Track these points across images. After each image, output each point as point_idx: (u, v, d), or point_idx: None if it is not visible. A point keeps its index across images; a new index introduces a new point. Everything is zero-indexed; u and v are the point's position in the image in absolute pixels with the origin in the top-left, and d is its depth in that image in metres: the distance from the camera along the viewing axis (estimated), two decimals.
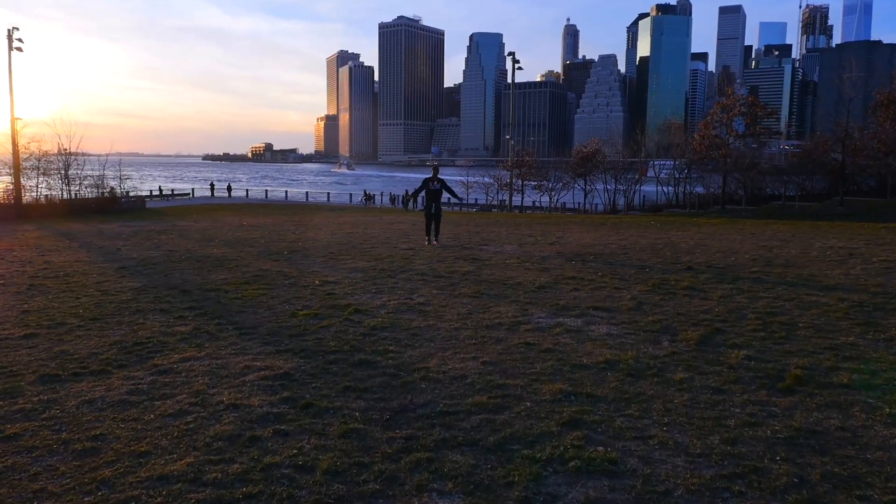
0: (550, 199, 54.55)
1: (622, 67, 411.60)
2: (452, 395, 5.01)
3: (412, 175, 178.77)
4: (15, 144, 41.69)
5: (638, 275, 10.73)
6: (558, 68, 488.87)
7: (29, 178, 44.09)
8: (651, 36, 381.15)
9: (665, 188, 52.80)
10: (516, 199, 53.23)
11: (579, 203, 53.38)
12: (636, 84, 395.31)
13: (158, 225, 25.57)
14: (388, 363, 5.84)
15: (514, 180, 52.93)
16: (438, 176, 16.02)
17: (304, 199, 67.32)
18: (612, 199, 51.92)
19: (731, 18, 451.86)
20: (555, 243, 16.20)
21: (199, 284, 10.18)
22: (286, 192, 76.74)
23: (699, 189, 53.17)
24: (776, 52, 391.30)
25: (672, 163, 57.12)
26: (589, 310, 8.02)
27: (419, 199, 17.36)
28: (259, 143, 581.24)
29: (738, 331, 6.87)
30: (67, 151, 45.33)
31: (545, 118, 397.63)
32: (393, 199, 57.83)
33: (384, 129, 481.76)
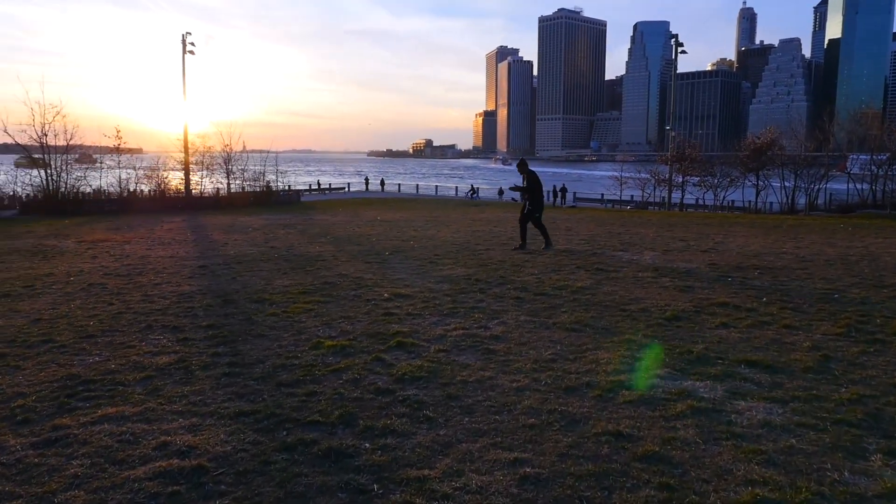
0: (716, 196, 48.85)
1: (807, 52, 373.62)
2: None
3: (569, 171, 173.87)
4: (185, 141, 44.41)
5: (823, 304, 7.53)
6: (732, 56, 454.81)
7: (194, 174, 46.91)
8: (843, 15, 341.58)
9: (859, 185, 45.12)
10: (676, 197, 48.30)
11: (749, 201, 47.23)
12: (823, 70, 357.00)
13: (294, 218, 25.05)
14: (369, 462, 3.54)
15: (673, 175, 48.02)
16: (529, 168, 13.40)
17: (454, 194, 66.42)
18: (790, 198, 45.29)
19: None
20: (710, 251, 12.94)
21: (254, 292, 8.50)
22: (436, 186, 76.44)
23: None
24: None
25: (867, 157, 48.92)
26: (739, 366, 5.18)
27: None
28: (420, 140, 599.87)
29: None
30: (230, 148, 47.69)
31: (715, 110, 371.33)
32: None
33: (542, 124, 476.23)
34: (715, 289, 8.50)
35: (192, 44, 44.32)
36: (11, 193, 37.49)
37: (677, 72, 50.33)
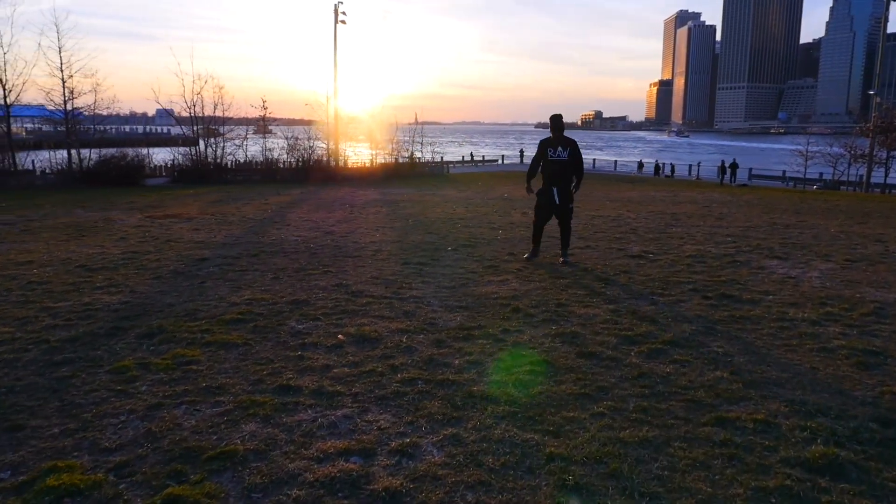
0: None
1: None
2: None
3: (749, 144, 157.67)
4: (336, 112, 43.99)
5: None
6: None
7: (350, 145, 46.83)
8: None
9: None
10: (877, 176, 39.92)
11: None
12: None
13: (413, 193, 22.78)
14: None
15: (876, 150, 39.69)
16: (565, 135, 8.54)
17: (612, 169, 61.09)
18: None
19: None
20: None
21: (175, 315, 5.96)
22: (594, 160, 70.94)
23: None
24: None
25: None
26: None
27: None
28: (589, 111, 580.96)
29: None
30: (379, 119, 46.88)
31: None
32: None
33: (723, 94, 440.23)
34: None
35: (344, 13, 43.72)
36: (165, 163, 39.04)
37: (887, 32, 41.20)
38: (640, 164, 52.29)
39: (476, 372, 4.31)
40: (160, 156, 41.14)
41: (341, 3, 43.81)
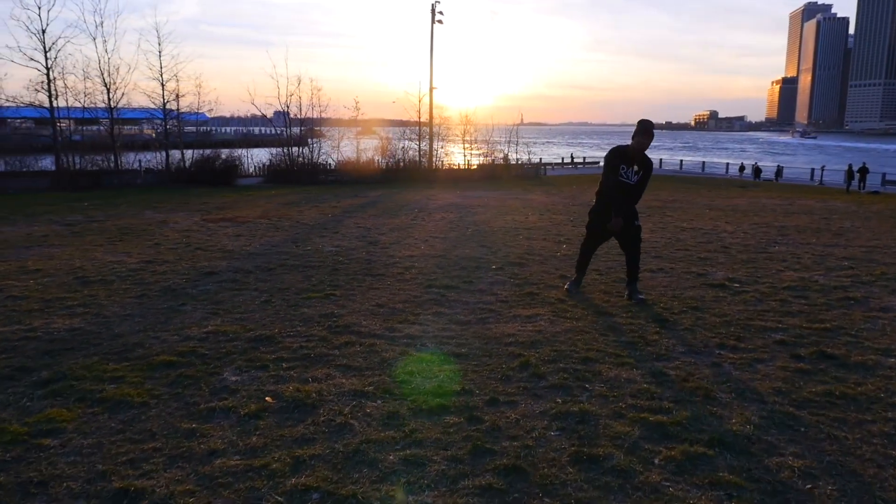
0: None
1: None
2: None
3: (889, 146, 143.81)
4: (430, 112, 43.28)
5: None
6: None
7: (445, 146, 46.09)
8: None
9: None
10: None
11: None
12: None
13: (497, 197, 21.53)
14: None
15: None
16: (645, 152, 6.50)
17: (723, 172, 56.78)
18: None
19: None
20: None
21: (144, 348, 4.99)
22: (703, 162, 66.32)
23: None
24: None
25: None
26: None
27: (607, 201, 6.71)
28: (703, 111, 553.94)
29: None
30: (469, 121, 45.80)
31: None
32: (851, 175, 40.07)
33: (856, 92, 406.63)
34: None
35: (441, 13, 43.08)
36: (261, 164, 39.69)
37: None
38: (757, 170, 47.98)
39: (401, 486, 2.92)
40: (260, 156, 42.02)
41: (439, 2, 43.14)
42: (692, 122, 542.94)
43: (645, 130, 6.31)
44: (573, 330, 5.45)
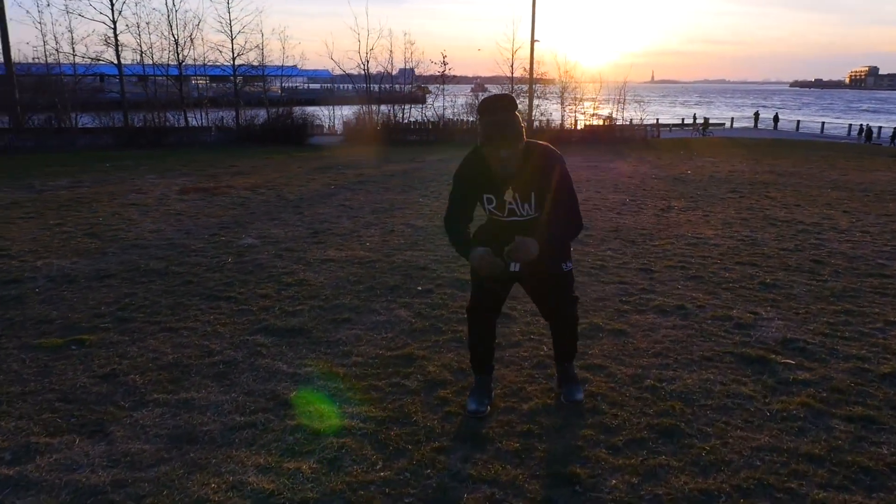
0: None
1: None
2: None
3: None
4: (531, 68, 39.62)
5: None
6: None
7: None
8: None
9: None
10: None
11: None
12: None
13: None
14: None
15: None
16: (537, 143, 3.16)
17: (877, 136, 48.53)
18: None
19: None
20: None
21: None
22: (849, 125, 57.29)
23: None
24: None
25: None
26: None
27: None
28: (861, 67, 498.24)
29: None
30: (568, 76, 41.61)
31: None
32: None
33: None
34: None
35: None
36: (341, 122, 37.93)
37: None
38: (868, 132, 40.59)
39: None
40: (344, 113, 40.27)
41: None
42: (847, 80, 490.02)
43: (488, 111, 3.09)
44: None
